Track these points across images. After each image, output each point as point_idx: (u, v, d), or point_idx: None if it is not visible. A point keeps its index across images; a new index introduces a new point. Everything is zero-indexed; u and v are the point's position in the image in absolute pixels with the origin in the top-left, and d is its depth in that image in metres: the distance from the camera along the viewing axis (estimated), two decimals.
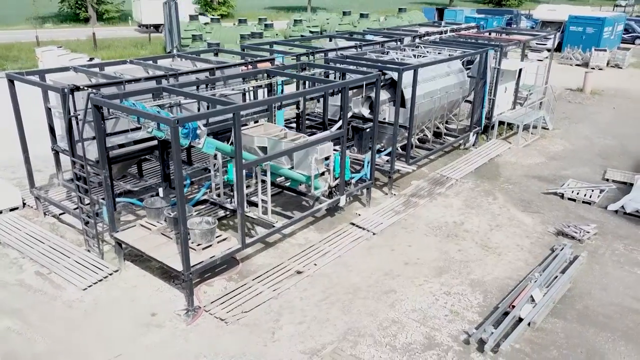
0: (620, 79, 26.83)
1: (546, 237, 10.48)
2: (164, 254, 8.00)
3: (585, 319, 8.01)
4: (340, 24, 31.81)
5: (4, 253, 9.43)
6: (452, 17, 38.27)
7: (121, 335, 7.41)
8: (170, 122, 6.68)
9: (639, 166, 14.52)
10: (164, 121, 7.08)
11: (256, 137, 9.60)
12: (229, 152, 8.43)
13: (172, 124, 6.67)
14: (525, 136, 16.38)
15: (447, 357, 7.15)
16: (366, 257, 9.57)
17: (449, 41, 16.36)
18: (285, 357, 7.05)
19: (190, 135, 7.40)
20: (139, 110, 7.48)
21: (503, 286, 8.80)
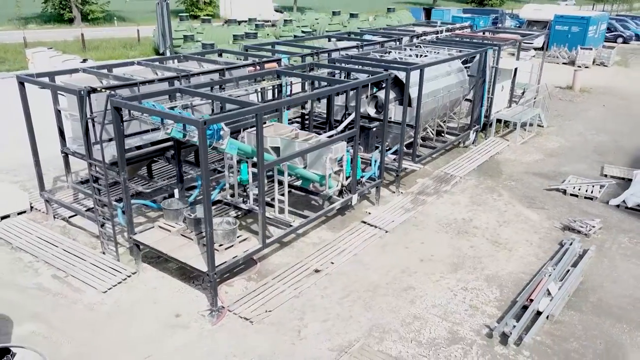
0: (606, 76, 27.45)
1: (553, 233, 10.71)
2: (187, 255, 8.00)
3: (600, 311, 8.23)
4: (330, 24, 31.98)
5: (17, 257, 9.33)
6: (439, 16, 38.67)
7: (148, 336, 7.40)
8: (199, 123, 6.69)
9: (634, 162, 14.90)
10: (191, 122, 7.09)
11: (269, 137, 9.65)
12: (249, 152, 8.47)
13: (200, 125, 6.69)
14: (521, 134, 16.67)
15: (471, 350, 7.29)
16: (381, 255, 9.68)
17: (447, 41, 16.57)
18: (314, 355, 7.12)
19: (215, 136, 7.42)
20: (165, 112, 7.48)
21: (518, 280, 8.99)
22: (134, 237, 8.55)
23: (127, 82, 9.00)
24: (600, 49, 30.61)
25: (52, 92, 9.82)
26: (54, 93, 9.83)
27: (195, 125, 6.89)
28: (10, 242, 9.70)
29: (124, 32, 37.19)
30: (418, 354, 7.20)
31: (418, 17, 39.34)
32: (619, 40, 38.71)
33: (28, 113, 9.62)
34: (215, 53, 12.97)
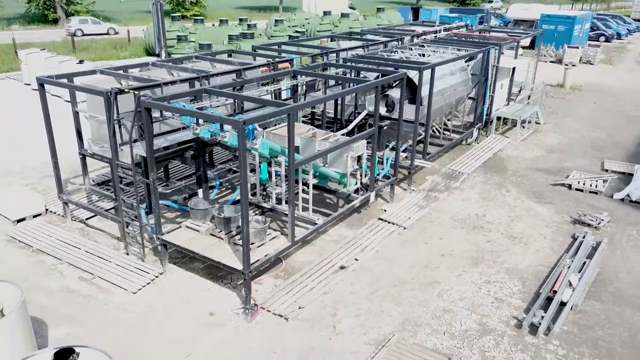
0: (593, 74, 28.11)
1: (564, 226, 11.02)
2: (219, 254, 8.06)
3: (620, 301, 8.52)
4: (321, 24, 32.12)
5: (39, 260, 9.27)
6: (426, 16, 39.12)
7: (185, 336, 7.45)
8: (239, 124, 6.77)
9: (632, 156, 15.36)
10: (231, 123, 7.16)
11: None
12: (279, 152, 8.56)
13: (240, 125, 6.77)
14: (521, 131, 17.03)
15: (503, 341, 7.50)
16: (402, 251, 9.86)
17: (448, 40, 16.84)
18: (352, 349, 7.26)
19: (250, 136, 7.50)
20: (202, 112, 7.53)
21: (537, 273, 9.25)
22: (162, 237, 8.58)
23: (151, 83, 9.00)
24: (587, 47, 31.32)
25: (70, 94, 9.79)
26: (72, 94, 9.80)
27: (235, 126, 6.96)
28: (30, 245, 9.63)
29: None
30: (452, 345, 7.38)
31: (406, 17, 39.72)
32: (602, 39, 39.61)
33: (47, 115, 9.55)
34: (226, 53, 13.00)
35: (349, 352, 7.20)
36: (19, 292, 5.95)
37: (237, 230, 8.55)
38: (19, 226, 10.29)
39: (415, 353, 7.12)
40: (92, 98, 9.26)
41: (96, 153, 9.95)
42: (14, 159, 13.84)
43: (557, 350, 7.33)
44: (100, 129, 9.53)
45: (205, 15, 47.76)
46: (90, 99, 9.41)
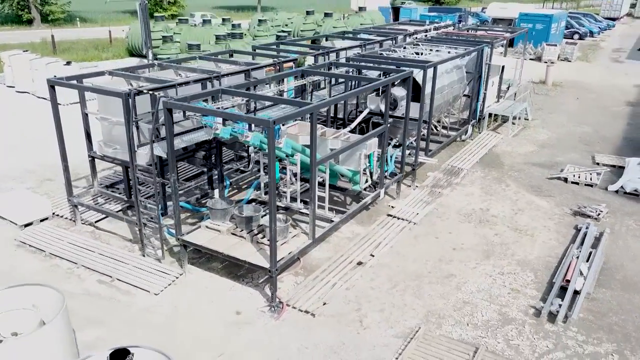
0: (572, 71, 28.87)
1: (566, 218, 11.39)
2: (244, 253, 8.12)
3: (628, 288, 8.88)
4: (304, 23, 32.15)
5: (53, 264, 9.16)
6: (407, 15, 39.56)
7: (215, 335, 7.48)
8: (268, 123, 6.84)
9: (619, 150, 15.91)
10: (261, 122, 7.23)
11: (301, 136, 9.84)
12: (300, 150, 8.65)
13: (269, 124, 6.84)
14: (511, 127, 17.45)
15: (524, 329, 7.76)
16: (415, 246, 10.06)
17: (442, 39, 17.14)
18: (381, 343, 7.41)
19: (275, 135, 7.57)
20: (230, 112, 7.57)
21: (547, 263, 9.56)
22: (183, 237, 8.57)
23: (166, 84, 8.97)
24: (564, 45, 32.17)
25: (80, 96, 9.68)
26: (82, 96, 9.69)
27: (265, 125, 7.03)
28: (42, 249, 9.50)
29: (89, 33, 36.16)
30: (477, 335, 7.61)
31: (386, 16, 40.08)
32: (575, 37, 40.70)
33: (58, 117, 9.43)
34: (227, 54, 13.00)
35: (378, 346, 7.35)
36: (59, 297, 5.90)
37: (258, 229, 8.60)
38: (27, 231, 10.12)
39: (444, 344, 7.31)
40: (105, 99, 9.20)
41: (107, 155, 9.88)
42: (11, 163, 13.56)
43: (577, 337, 7.62)
44: (113, 131, 9.47)
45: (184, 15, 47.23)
46: (103, 101, 9.34)
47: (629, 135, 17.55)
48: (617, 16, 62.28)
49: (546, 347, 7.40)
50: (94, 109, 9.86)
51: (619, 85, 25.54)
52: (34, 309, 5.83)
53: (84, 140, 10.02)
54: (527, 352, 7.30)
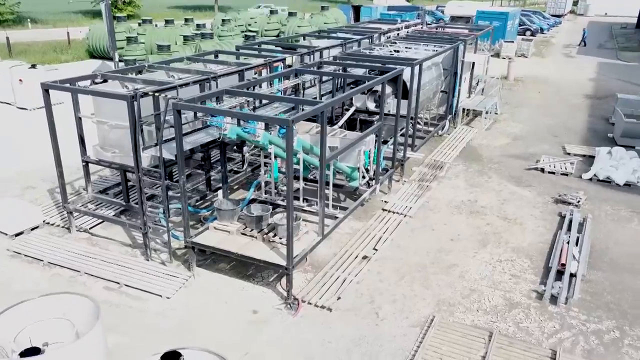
0: (529, 67, 30.10)
1: (549, 206, 11.98)
2: (259, 252, 8.16)
3: (616, 269, 9.46)
4: (268, 23, 32.15)
5: (54, 273, 8.91)
6: (368, 14, 40.11)
7: (235, 335, 7.50)
8: (288, 122, 6.93)
9: (585, 140, 16.79)
10: (280, 122, 7.29)
11: (300, 134, 9.94)
12: (309, 148, 8.74)
13: (289, 123, 6.92)
14: (484, 121, 18.10)
15: (530, 312, 8.16)
16: (414, 238, 10.35)
17: (417, 37, 17.57)
18: (400, 333, 7.63)
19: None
20: (248, 113, 7.60)
21: (540, 249, 10.05)
22: (192, 239, 8.53)
23: (167, 85, 8.87)
24: (520, 41, 33.47)
25: (73, 99, 9.44)
26: (75, 99, 9.45)
27: (285, 124, 7.10)
28: (39, 258, 9.21)
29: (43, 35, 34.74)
30: (489, 320, 7.95)
31: (347, 15, 40.46)
32: (528, 33, 42.37)
33: (52, 122, 9.16)
34: (212, 55, 12.91)
35: (398, 336, 7.56)
36: (91, 305, 5.79)
37: (268, 228, 8.66)
38: (20, 240, 9.78)
39: (460, 330, 7.61)
40: (103, 103, 9.02)
41: (103, 159, 9.68)
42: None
43: (579, 316, 8.09)
44: (111, 134, 9.29)
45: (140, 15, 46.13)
46: (100, 104, 9.15)
47: (592, 126, 18.52)
48: (562, 13, 65.28)
49: (553, 327, 7.82)
50: (88, 112, 9.65)
51: (574, 79, 26.84)
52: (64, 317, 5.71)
53: (63, 145, 9.68)
54: (537, 333, 7.70)
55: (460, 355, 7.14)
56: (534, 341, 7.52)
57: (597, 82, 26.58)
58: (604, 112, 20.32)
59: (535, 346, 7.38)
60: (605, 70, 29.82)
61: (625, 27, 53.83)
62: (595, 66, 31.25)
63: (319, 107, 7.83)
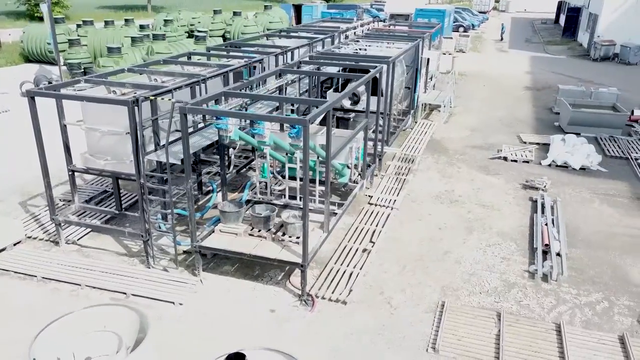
0: (469, 61, 31.57)
1: (519, 192, 12.79)
2: (273, 252, 8.24)
3: (591, 246, 10.31)
4: (212, 23, 31.66)
5: (52, 288, 8.53)
6: (309, 12, 40.39)
7: (260, 335, 7.56)
8: (305, 122, 7.06)
9: (535, 129, 17.96)
10: (296, 122, 7.38)
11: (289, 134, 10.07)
12: (313, 148, 8.88)
13: (306, 123, 7.06)
14: (442, 115, 18.91)
15: (527, 291, 8.77)
16: (405, 229, 10.76)
17: (378, 35, 18.06)
18: (416, 320, 7.98)
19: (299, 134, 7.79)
20: (264, 114, 7.62)
21: (521, 232, 10.76)
22: (200, 244, 8.46)
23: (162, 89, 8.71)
24: (459, 37, 34.99)
25: (57, 105, 9.05)
26: (60, 106, 9.08)
27: (302, 124, 7.22)
28: (31, 274, 8.78)
29: None
30: (493, 301, 8.47)
31: (289, 14, 40.55)
32: (461, 29, 44.31)
33: (39, 131, 8.73)
34: (185, 56, 12.70)
35: (415, 322, 7.91)
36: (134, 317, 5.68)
37: (276, 228, 8.74)
38: (5, 256, 9.26)
39: (470, 312, 8.07)
40: (94, 109, 8.74)
41: (92, 167, 9.36)
42: None
43: (570, 291, 8.79)
44: (102, 141, 9.01)
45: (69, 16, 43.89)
46: (91, 110, 8.85)
47: (538, 116, 19.81)
48: (487, 10, 68.66)
49: (551, 303, 8.46)
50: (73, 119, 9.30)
51: (512, 73, 28.48)
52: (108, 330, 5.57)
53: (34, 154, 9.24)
54: (537, 309, 8.30)
55: (476, 335, 7.59)
56: (537, 317, 8.11)
57: (532, 74, 28.35)
58: (545, 102, 21.78)
59: (540, 321, 7.97)
60: (537, 63, 31.83)
61: (546, 22, 57.52)
62: (528, 59, 33.28)
63: (328, 106, 8.01)
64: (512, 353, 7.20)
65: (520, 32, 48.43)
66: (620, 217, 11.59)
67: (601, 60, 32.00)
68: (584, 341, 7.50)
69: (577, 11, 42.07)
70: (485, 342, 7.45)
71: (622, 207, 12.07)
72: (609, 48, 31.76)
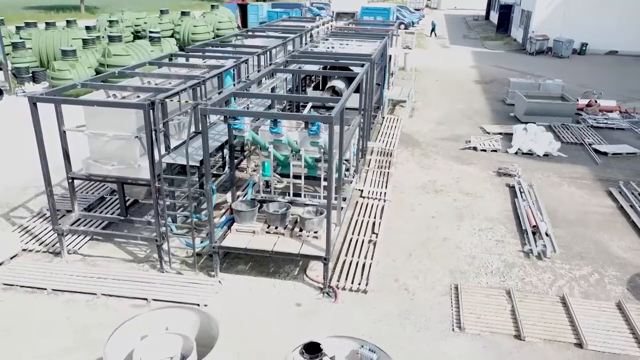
0: (417, 57, 32.67)
1: (495, 179, 13.61)
2: (294, 248, 8.42)
3: (571, 224, 11.21)
4: (160, 23, 30.95)
5: (66, 299, 8.28)
6: (255, 12, 40.31)
7: (292, 328, 7.73)
8: (331, 119, 7.31)
9: (494, 120, 19.03)
10: (322, 119, 7.60)
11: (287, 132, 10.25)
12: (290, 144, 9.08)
13: (332, 120, 7.31)
14: (407, 109, 19.62)
15: (527, 269, 9.46)
16: (401, 219, 11.22)
17: (345, 33, 18.46)
18: (435, 302, 8.42)
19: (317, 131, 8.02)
20: (289, 113, 7.74)
21: (507, 216, 11.50)
22: (220, 244, 8.50)
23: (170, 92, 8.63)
24: (405, 34, 36.07)
25: (57, 111, 8.76)
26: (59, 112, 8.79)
27: (327, 122, 7.44)
28: (40, 287, 8.47)
29: None
30: (499, 280, 9.08)
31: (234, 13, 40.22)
32: (402, 27, 45.64)
33: (41, 137, 8.42)
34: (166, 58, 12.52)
35: (434, 305, 8.36)
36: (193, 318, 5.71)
37: (292, 224, 8.92)
38: (3, 271, 8.85)
39: (482, 292, 8.63)
40: (95, 113, 8.55)
41: (94, 174, 9.13)
42: None
43: (564, 267, 9.56)
44: (107, 146, 8.81)
45: None
46: (95, 116, 8.64)
47: (493, 107, 20.97)
48: (421, 7, 71.00)
49: (549, 278, 9.19)
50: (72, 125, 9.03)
51: (459, 67, 29.83)
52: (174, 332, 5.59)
53: (10, 162, 8.98)
54: (540, 285, 8.99)
55: (493, 312, 8.14)
56: (542, 291, 8.79)
57: (477, 68, 29.81)
58: (496, 95, 23.07)
59: (545, 295, 8.66)
60: (479, 58, 33.47)
61: (477, 19, 60.34)
62: (470, 54, 34.90)
63: (342, 104, 8.28)
64: (529, 325, 7.80)
65: (457, 29, 50.58)
66: (588, 197, 12.63)
67: (536, 54, 34.13)
68: (587, 310, 8.23)
69: (509, 8, 44.51)
70: (503, 318, 8.01)
71: (588, 189, 13.14)
72: (543, 42, 33.93)
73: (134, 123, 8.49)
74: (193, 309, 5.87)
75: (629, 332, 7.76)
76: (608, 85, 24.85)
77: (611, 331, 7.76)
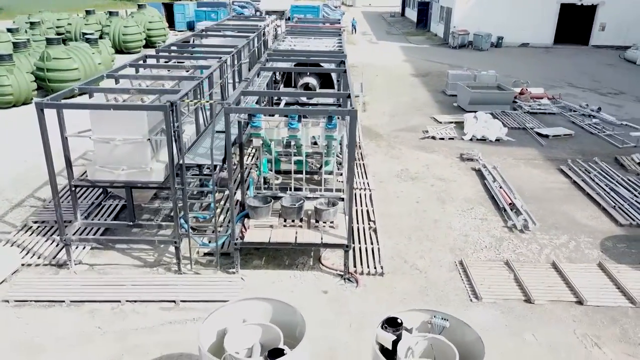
0: (352, 53, 33.51)
1: (460, 164, 14.65)
2: (315, 238, 8.75)
3: (538, 200, 12.39)
4: (87, 24, 29.54)
5: (90, 310, 8.07)
6: (181, 11, 39.42)
7: (327, 314, 8.06)
8: (353, 112, 7.73)
9: (442, 110, 20.23)
10: (342, 113, 7.98)
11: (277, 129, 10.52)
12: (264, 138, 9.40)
13: (354, 113, 7.74)
14: (360, 104, 20.33)
15: (514, 241, 10.43)
16: (390, 207, 11.85)
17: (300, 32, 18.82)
18: (447, 277, 9.12)
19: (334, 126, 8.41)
20: (312, 108, 7.99)
21: (482, 197, 12.50)
22: (243, 241, 8.65)
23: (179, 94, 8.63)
24: None
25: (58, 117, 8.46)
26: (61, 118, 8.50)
27: (350, 115, 7.83)
28: (57, 300, 8.17)
29: None
30: (493, 254, 9.96)
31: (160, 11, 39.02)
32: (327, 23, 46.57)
33: (48, 144, 8.10)
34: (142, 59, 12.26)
35: (447, 280, 9.06)
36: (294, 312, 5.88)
37: (308, 215, 9.24)
38: (11, 288, 8.42)
39: (484, 265, 9.47)
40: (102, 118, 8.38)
41: (99, 180, 8.91)
42: None
43: (545, 237, 10.65)
44: (115, 151, 8.63)
45: None
46: (99, 120, 8.44)
47: (437, 99, 22.24)
48: (338, 5, 72.53)
49: (536, 248, 10.22)
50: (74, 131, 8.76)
51: (393, 62, 31.14)
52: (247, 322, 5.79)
53: None
54: (529, 254, 9.98)
55: (499, 281, 8.99)
56: (534, 260, 9.78)
57: (410, 62, 31.26)
58: (435, 86, 24.43)
59: (538, 263, 9.65)
60: (408, 52, 35.06)
61: (394, 15, 62.77)
62: (398, 49, 36.43)
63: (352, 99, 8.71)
64: (534, 290, 8.70)
65: (377, 25, 52.37)
66: (545, 175, 13.99)
67: (459, 47, 36.34)
68: (576, 272, 9.30)
69: (427, 5, 46.84)
70: (510, 286, 8.88)
71: (542, 168, 14.52)
72: (465, 37, 36.21)
73: (145, 125, 8.40)
74: (271, 301, 6.07)
75: (615, 288, 8.90)
76: (527, 74, 27.02)
77: (601, 288, 8.87)
